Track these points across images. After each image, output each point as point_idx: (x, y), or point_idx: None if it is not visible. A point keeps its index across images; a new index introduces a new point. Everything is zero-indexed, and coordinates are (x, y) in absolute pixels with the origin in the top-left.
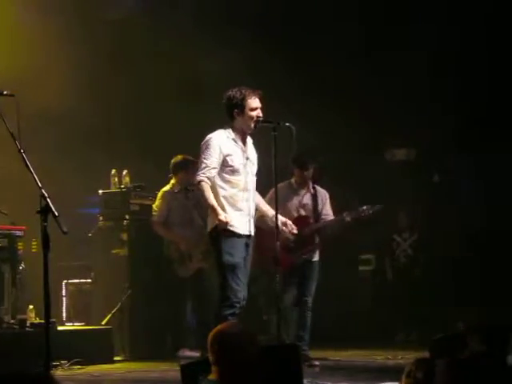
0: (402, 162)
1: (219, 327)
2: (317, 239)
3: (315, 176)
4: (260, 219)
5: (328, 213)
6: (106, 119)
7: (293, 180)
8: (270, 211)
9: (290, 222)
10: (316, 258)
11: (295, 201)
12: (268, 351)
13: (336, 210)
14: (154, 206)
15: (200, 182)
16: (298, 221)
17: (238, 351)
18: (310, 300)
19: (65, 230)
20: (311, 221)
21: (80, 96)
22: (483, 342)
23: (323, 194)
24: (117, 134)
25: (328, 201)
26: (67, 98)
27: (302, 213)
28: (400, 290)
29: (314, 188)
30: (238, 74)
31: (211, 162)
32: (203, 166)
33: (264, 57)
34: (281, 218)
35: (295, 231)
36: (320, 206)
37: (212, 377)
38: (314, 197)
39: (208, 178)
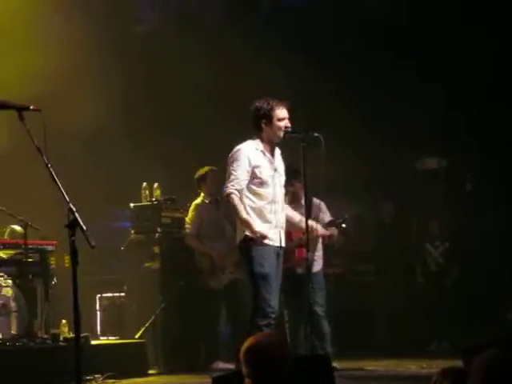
0: (433, 170)
1: (251, 339)
2: (305, 251)
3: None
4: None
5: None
6: (137, 132)
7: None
8: (296, 216)
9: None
10: (316, 269)
11: None
12: (300, 362)
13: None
14: (186, 218)
15: (229, 194)
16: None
17: (271, 363)
18: (319, 309)
19: (93, 243)
20: (298, 234)
21: (110, 108)
22: None
23: (317, 205)
24: (148, 147)
25: (323, 210)
26: (98, 112)
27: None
28: (432, 298)
29: (308, 200)
30: (275, 85)
31: (240, 173)
32: (232, 177)
33: (298, 64)
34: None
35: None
36: (312, 218)
37: None
38: (308, 209)
39: (237, 191)
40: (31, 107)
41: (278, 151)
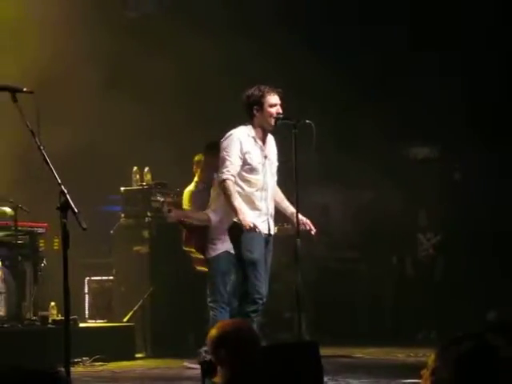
0: (424, 159)
1: (218, 327)
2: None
3: None
4: None
5: None
6: (128, 115)
7: None
8: (290, 208)
9: (309, 222)
10: None
11: None
12: (286, 349)
13: None
14: (184, 207)
15: (225, 180)
16: None
17: (241, 352)
18: None
19: (84, 226)
20: None
21: (103, 87)
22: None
23: None
24: (142, 130)
25: None
26: (89, 97)
27: None
28: (421, 289)
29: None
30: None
31: (234, 158)
32: (227, 163)
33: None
34: (301, 217)
35: (313, 231)
36: None
37: (217, 379)
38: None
39: (233, 176)
40: (24, 89)
41: (271, 138)
